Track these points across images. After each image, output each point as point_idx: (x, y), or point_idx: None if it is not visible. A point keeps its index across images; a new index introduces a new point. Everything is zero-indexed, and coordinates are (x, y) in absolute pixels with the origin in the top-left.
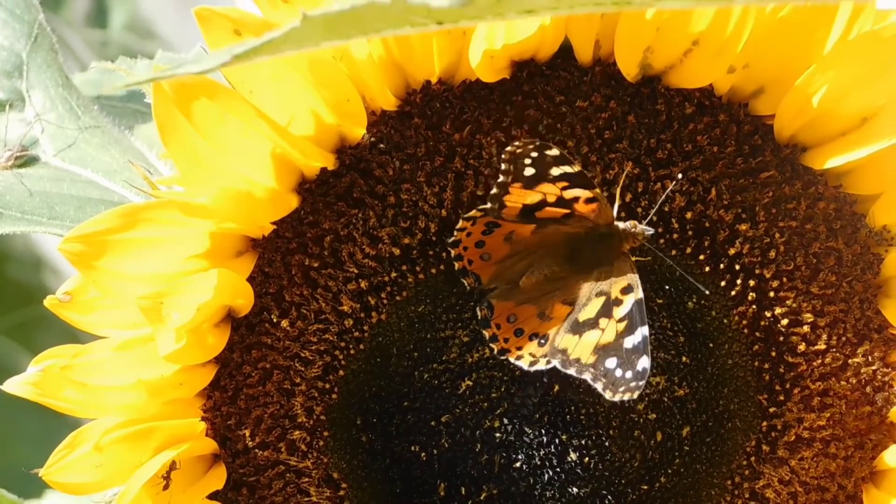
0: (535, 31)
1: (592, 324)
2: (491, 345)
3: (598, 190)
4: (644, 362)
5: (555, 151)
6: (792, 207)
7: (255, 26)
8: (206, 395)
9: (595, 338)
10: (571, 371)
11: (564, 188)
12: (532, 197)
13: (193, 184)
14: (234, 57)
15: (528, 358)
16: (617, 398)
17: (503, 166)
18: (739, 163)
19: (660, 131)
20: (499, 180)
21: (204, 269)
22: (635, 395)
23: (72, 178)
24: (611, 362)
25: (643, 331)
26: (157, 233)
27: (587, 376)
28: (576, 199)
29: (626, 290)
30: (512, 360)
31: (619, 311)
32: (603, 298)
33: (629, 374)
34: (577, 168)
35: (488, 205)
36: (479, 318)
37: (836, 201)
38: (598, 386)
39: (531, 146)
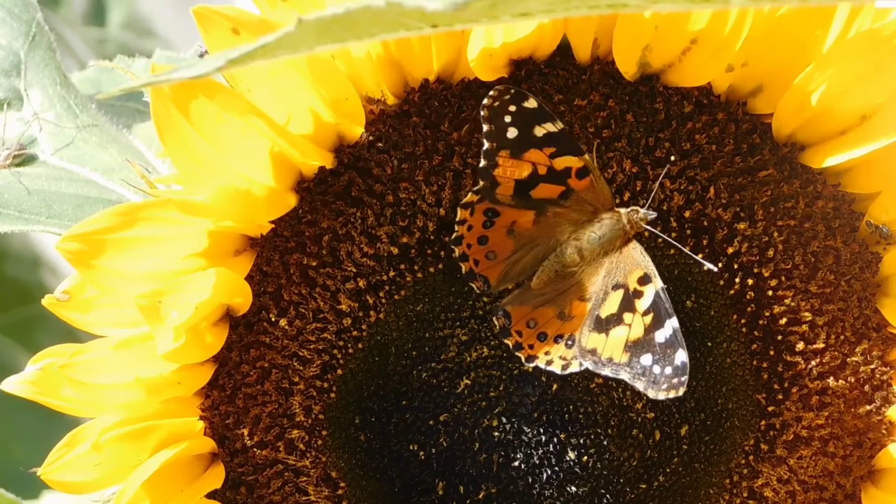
0: (534, 29)
1: (617, 319)
2: (516, 353)
3: (587, 157)
4: (681, 356)
5: (532, 103)
6: (790, 206)
7: (253, 25)
8: (204, 393)
9: (623, 334)
10: (606, 372)
11: (553, 155)
12: (522, 169)
13: (192, 182)
14: (229, 62)
15: (560, 362)
16: (661, 396)
17: (484, 127)
18: (738, 161)
19: (658, 130)
20: (484, 147)
21: (202, 267)
22: (681, 392)
23: (70, 176)
24: (646, 359)
25: (672, 322)
26: (155, 231)
27: (624, 376)
28: (568, 173)
29: (644, 280)
30: (542, 365)
31: (641, 304)
32: (622, 291)
33: (669, 370)
34: (559, 126)
35: (480, 183)
36: (498, 327)
37: (834, 200)
38: (639, 385)
39: (507, 96)
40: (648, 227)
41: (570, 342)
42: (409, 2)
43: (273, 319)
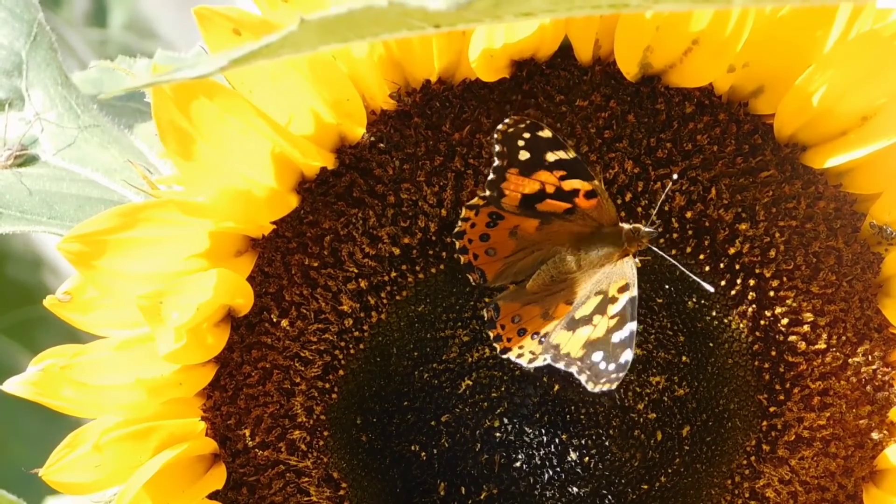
0: (535, 30)
1: (587, 320)
2: (494, 344)
3: (596, 182)
4: (627, 355)
5: (547, 133)
6: (792, 206)
7: (254, 26)
8: (205, 394)
9: (587, 333)
10: (560, 365)
11: (563, 178)
12: (530, 186)
13: (193, 183)
14: (232, 62)
15: (528, 356)
16: (597, 389)
17: (496, 147)
18: (739, 162)
19: (660, 130)
20: (494, 164)
21: (203, 268)
22: (614, 387)
23: (71, 177)
24: (597, 356)
25: (631, 326)
26: (156, 232)
27: (573, 369)
28: (576, 193)
29: (623, 288)
30: (512, 358)
31: (612, 309)
32: (601, 297)
33: (612, 367)
34: (571, 154)
35: (487, 192)
36: (485, 319)
37: (835, 200)
38: (582, 378)
39: (522, 125)
40: (650, 245)
41: (543, 339)
42: (411, 1)
43: (274, 320)
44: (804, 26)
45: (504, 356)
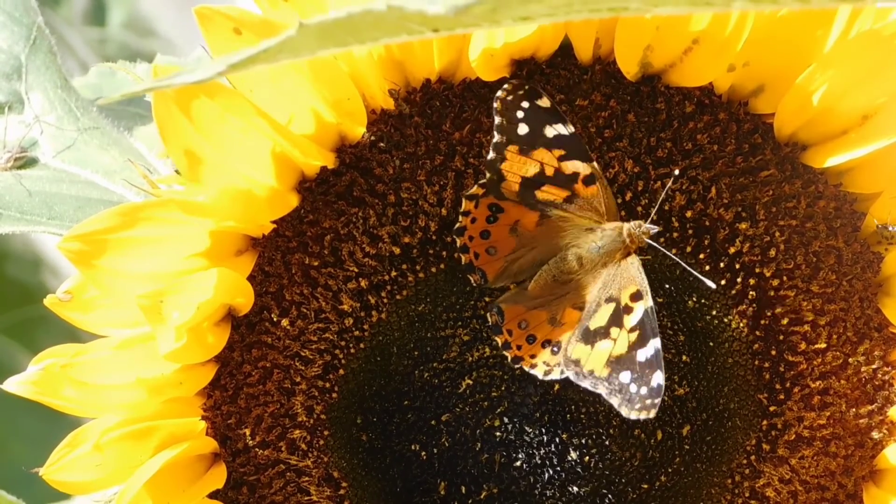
0: (535, 30)
1: (604, 333)
2: (504, 352)
3: (595, 164)
4: (658, 378)
5: (545, 102)
6: (792, 206)
7: (255, 26)
8: (206, 393)
9: (607, 348)
10: (586, 384)
11: (561, 157)
12: (529, 167)
13: (193, 182)
14: (230, 66)
15: (543, 367)
16: (634, 416)
17: (496, 119)
18: (739, 161)
19: (660, 130)
20: (494, 140)
21: (204, 267)
22: (652, 414)
23: (71, 178)
24: (625, 376)
25: (655, 343)
26: (156, 231)
27: (602, 390)
28: (575, 178)
29: (636, 296)
30: (526, 368)
31: (629, 320)
32: (613, 305)
33: (644, 391)
34: (570, 129)
35: (486, 175)
36: (490, 323)
37: (836, 200)
38: (615, 402)
39: (521, 91)
40: (650, 241)
41: (555, 349)
42: (410, 5)
43: (275, 319)
44: (804, 26)
45: (516, 366)
